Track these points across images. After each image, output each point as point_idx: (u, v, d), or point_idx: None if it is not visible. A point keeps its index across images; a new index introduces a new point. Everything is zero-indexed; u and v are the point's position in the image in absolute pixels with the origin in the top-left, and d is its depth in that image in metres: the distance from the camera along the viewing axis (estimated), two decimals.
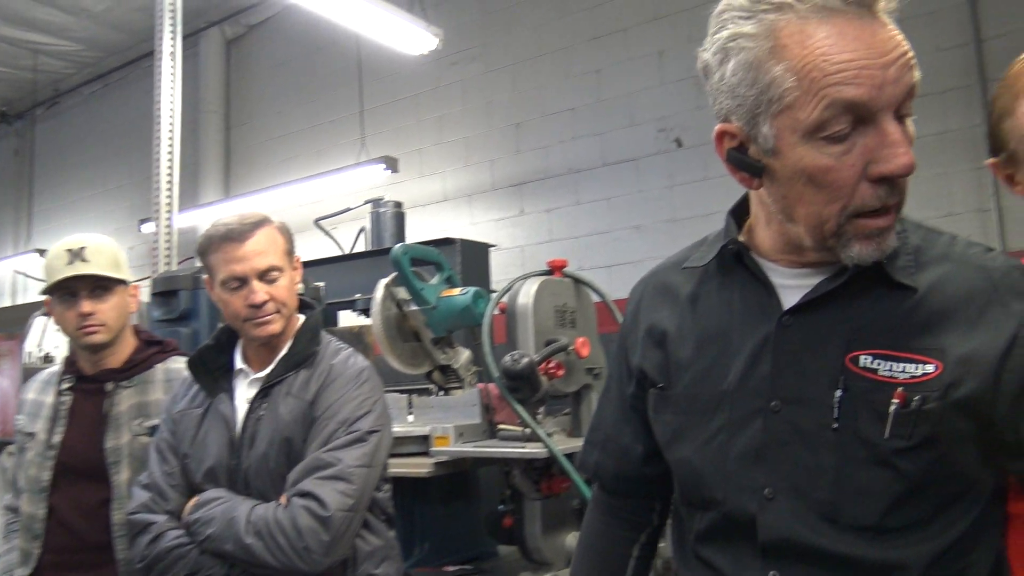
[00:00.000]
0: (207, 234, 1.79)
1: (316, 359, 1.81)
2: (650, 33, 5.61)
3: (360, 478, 1.66)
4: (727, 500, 1.00)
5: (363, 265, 4.29)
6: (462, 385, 2.79)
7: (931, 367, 0.91)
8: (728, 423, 1.01)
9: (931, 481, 0.92)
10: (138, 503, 1.77)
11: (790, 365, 0.97)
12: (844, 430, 0.93)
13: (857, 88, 0.85)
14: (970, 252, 0.99)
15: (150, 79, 3.69)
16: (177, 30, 3.67)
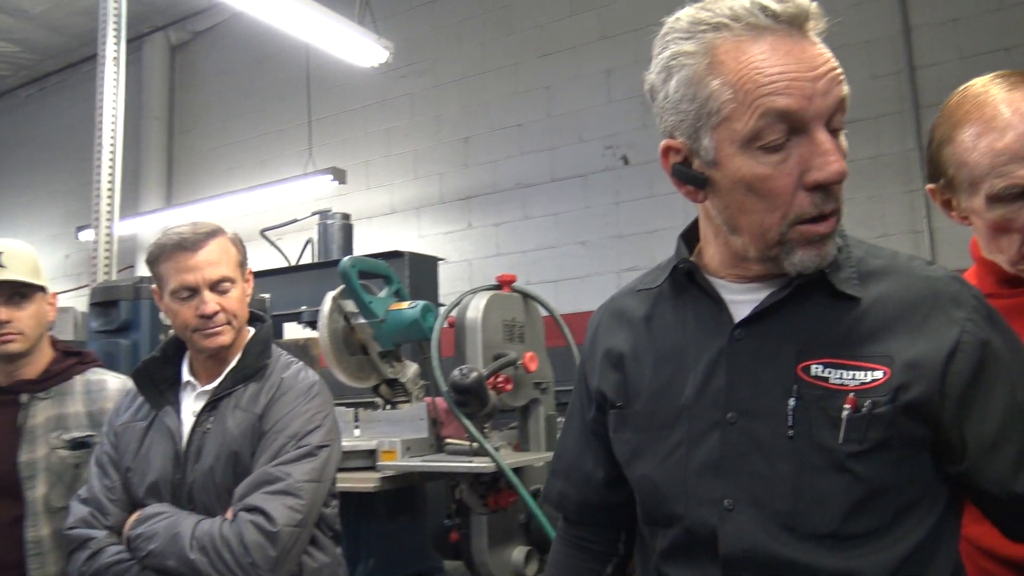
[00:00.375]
0: (158, 242, 1.76)
1: (266, 372, 1.78)
2: (598, 52, 5.69)
3: (309, 493, 1.64)
4: (688, 514, 1.01)
5: (309, 277, 4.26)
6: (409, 399, 2.79)
7: (880, 373, 0.93)
8: (687, 437, 1.02)
9: (887, 487, 0.93)
10: (76, 518, 1.71)
11: (744, 377, 0.99)
12: (799, 438, 0.95)
13: (788, 98, 0.90)
14: (913, 264, 1.03)
15: (90, 84, 3.61)
16: (121, 35, 3.59)
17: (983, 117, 1.15)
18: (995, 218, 1.16)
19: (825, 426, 0.94)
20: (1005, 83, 1.16)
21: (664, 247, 5.31)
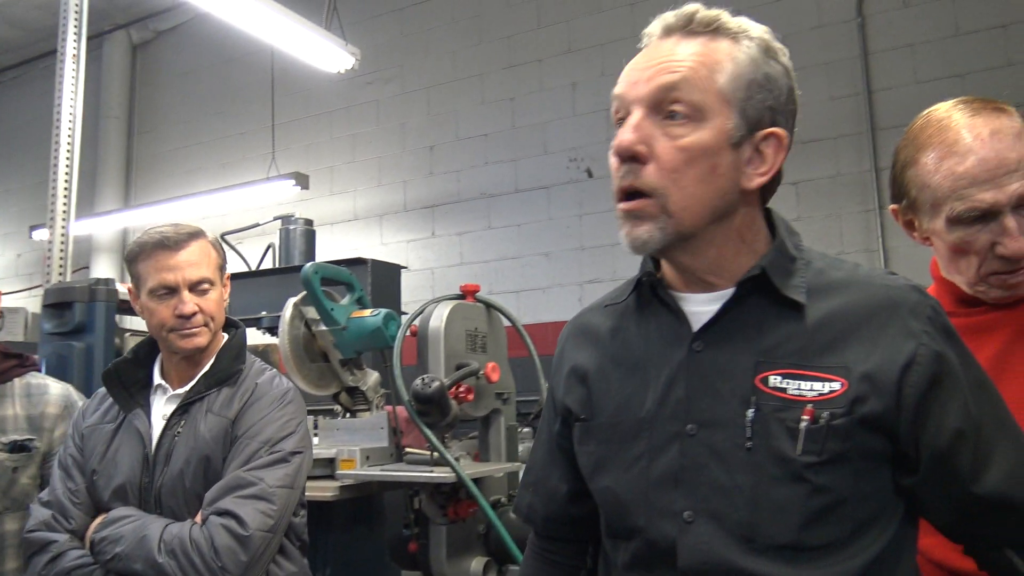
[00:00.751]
0: (139, 240, 1.75)
1: (239, 378, 1.78)
2: (564, 65, 5.74)
3: (281, 499, 1.63)
4: (648, 526, 1.01)
5: (270, 282, 4.21)
6: (370, 407, 2.77)
7: (837, 384, 0.95)
8: (648, 449, 1.03)
9: (845, 498, 0.94)
10: (37, 521, 1.68)
11: (703, 389, 1.00)
12: (757, 449, 0.95)
13: (618, 87, 1.05)
14: (873, 275, 1.04)
15: (47, 80, 3.54)
16: (82, 31, 3.53)
17: (946, 141, 1.18)
18: (955, 240, 1.19)
19: (783, 437, 0.94)
20: (968, 109, 1.19)
21: (627, 260, 5.36)
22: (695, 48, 1.01)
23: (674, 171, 0.97)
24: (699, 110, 0.98)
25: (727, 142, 0.99)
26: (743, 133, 1.00)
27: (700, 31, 1.02)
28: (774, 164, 1.04)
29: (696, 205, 0.99)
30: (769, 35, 1.06)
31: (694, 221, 0.99)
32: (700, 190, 0.98)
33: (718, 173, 0.99)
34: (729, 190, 1.01)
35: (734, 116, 0.99)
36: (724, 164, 0.99)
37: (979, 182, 1.14)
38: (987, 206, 1.14)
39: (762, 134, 1.02)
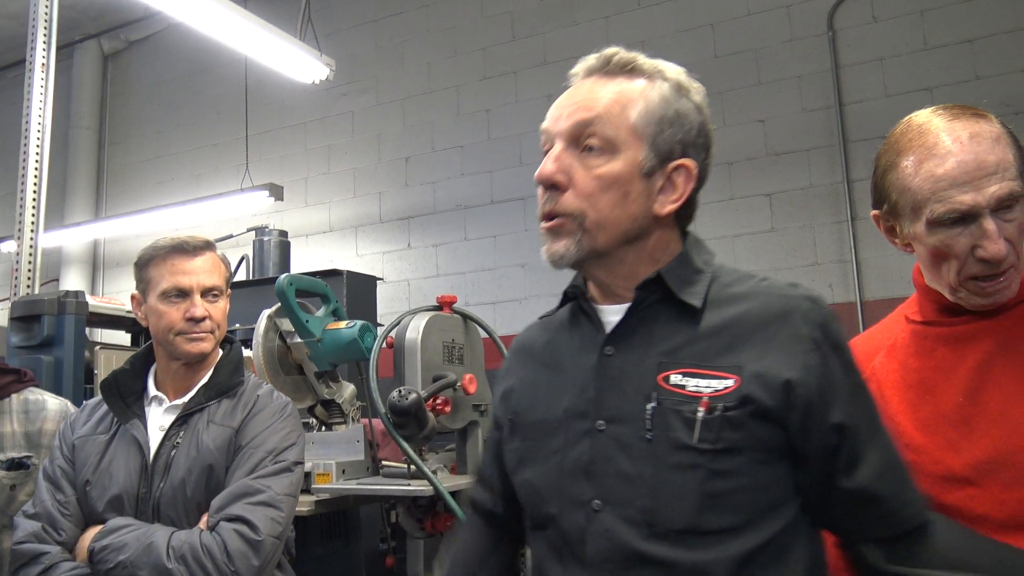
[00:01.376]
0: (152, 246, 1.80)
1: (239, 390, 1.81)
2: (539, 77, 5.76)
3: (288, 507, 1.67)
4: (562, 515, 1.11)
5: (244, 294, 4.17)
6: (345, 420, 2.74)
7: (730, 381, 1.04)
8: (563, 444, 1.13)
9: (740, 487, 1.03)
10: (26, 532, 1.65)
11: (611, 388, 1.11)
12: (657, 440, 1.05)
13: (544, 122, 1.18)
14: (775, 286, 1.14)
15: (16, 90, 3.49)
16: (51, 41, 3.49)
17: (925, 144, 1.18)
18: (935, 243, 1.19)
19: (681, 427, 1.04)
20: (947, 114, 1.20)
21: None
22: (611, 88, 1.13)
23: (589, 196, 1.10)
24: (612, 143, 1.10)
25: (638, 172, 1.10)
26: (654, 164, 1.11)
27: (617, 72, 1.14)
28: (684, 192, 1.14)
29: (610, 227, 1.10)
30: (683, 75, 1.17)
31: (607, 241, 1.11)
32: (614, 214, 1.10)
33: (630, 199, 1.10)
34: (641, 215, 1.12)
35: (645, 149, 1.10)
36: (636, 191, 1.11)
37: (958, 184, 1.14)
38: (966, 208, 1.14)
39: (673, 165, 1.13)
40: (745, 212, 5.04)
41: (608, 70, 1.15)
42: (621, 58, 1.15)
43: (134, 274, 1.84)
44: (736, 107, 5.10)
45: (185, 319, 1.74)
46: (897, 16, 4.79)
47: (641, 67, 1.15)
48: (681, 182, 1.13)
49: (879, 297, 4.57)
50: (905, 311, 1.34)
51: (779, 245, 4.94)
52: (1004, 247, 1.14)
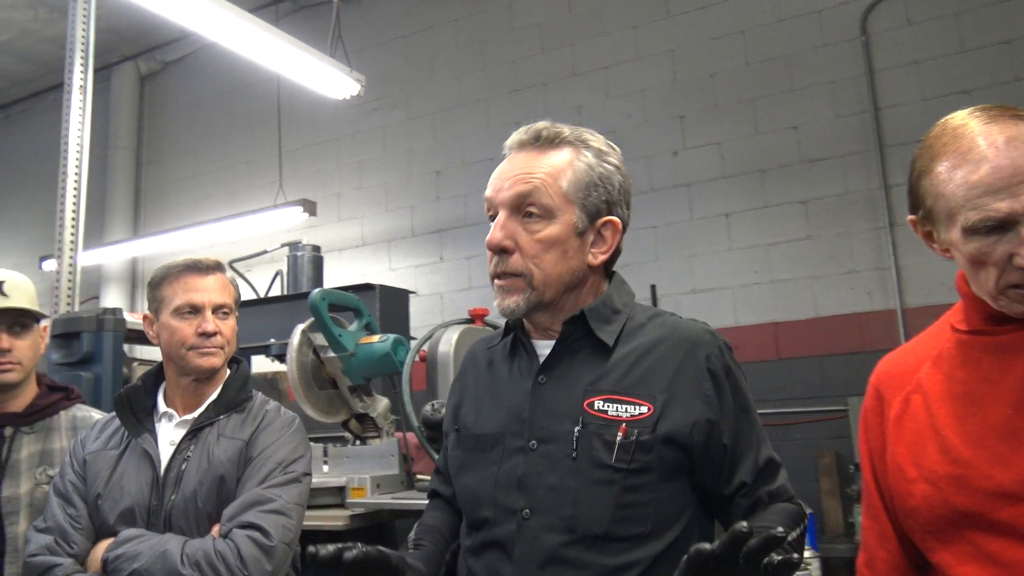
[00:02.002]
0: (167, 265, 1.87)
1: (247, 405, 1.87)
2: (569, 88, 5.75)
3: (297, 515, 1.73)
4: (495, 520, 1.26)
5: (278, 309, 4.20)
6: (380, 434, 2.74)
7: (645, 408, 1.23)
8: (500, 458, 1.29)
9: (648, 500, 1.21)
10: (38, 546, 1.69)
11: (543, 412, 1.27)
12: (581, 458, 1.22)
13: (487, 191, 1.33)
14: (680, 322, 1.34)
15: (56, 112, 3.56)
16: (88, 63, 3.56)
17: (960, 149, 1.14)
18: (971, 251, 1.15)
19: (602, 448, 1.21)
20: (984, 116, 1.15)
21: (634, 282, 5.29)
22: (544, 161, 1.30)
23: (534, 257, 1.27)
24: (549, 210, 1.27)
25: (573, 232, 1.29)
26: (585, 224, 1.30)
27: (546, 145, 1.31)
28: (612, 244, 1.34)
29: (554, 281, 1.29)
30: (602, 140, 1.34)
31: (552, 293, 1.29)
32: (556, 270, 1.28)
33: (568, 256, 1.29)
34: (578, 268, 1.30)
35: (577, 212, 1.28)
36: (572, 248, 1.29)
37: (993, 191, 1.09)
38: (1002, 216, 1.09)
39: (601, 221, 1.32)
40: (779, 220, 4.98)
41: (539, 144, 1.31)
42: (549, 132, 1.31)
43: (146, 294, 1.92)
44: (768, 114, 5.05)
45: (197, 334, 1.80)
46: (932, 18, 4.71)
47: (567, 139, 1.32)
48: (609, 235, 1.33)
49: (920, 304, 4.48)
50: (951, 320, 1.30)
51: (815, 253, 4.86)
52: None
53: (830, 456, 4.60)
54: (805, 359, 4.81)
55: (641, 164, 5.39)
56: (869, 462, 1.32)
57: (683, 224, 5.26)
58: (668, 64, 5.41)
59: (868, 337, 4.66)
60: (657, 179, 5.35)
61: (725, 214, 5.14)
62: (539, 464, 1.24)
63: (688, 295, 5.20)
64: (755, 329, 4.97)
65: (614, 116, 5.52)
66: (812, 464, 4.66)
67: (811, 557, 2.21)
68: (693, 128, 5.30)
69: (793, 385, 4.81)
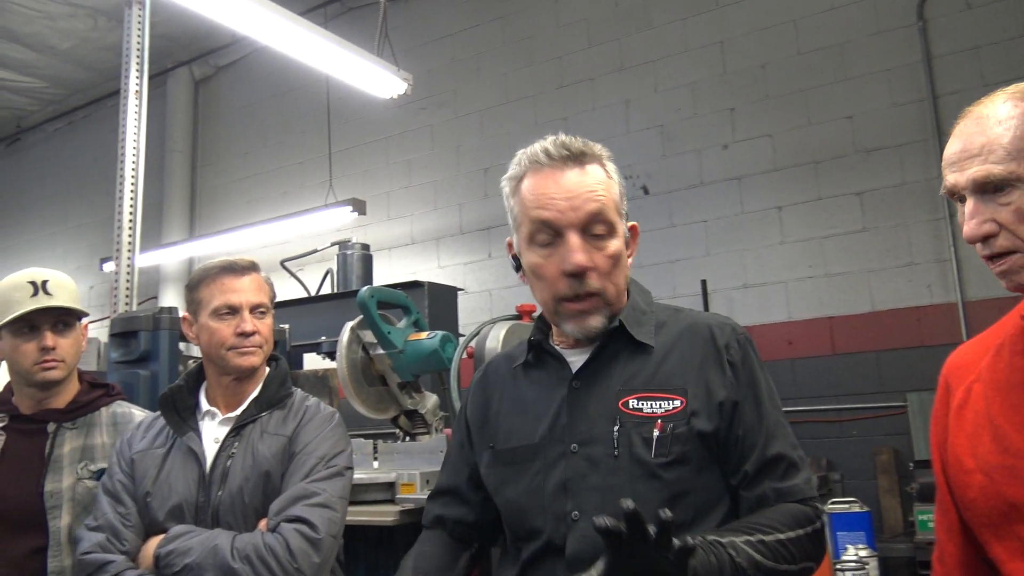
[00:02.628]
0: (203, 267, 1.91)
1: (288, 402, 1.91)
2: (616, 83, 5.71)
3: (341, 508, 1.76)
4: (546, 528, 1.30)
5: (329, 307, 4.25)
6: (429, 431, 2.75)
7: (678, 402, 1.28)
8: (542, 467, 1.33)
9: (688, 490, 1.26)
10: (91, 543, 1.74)
11: (580, 415, 1.31)
12: (622, 456, 1.26)
13: (546, 212, 1.31)
14: (700, 315, 1.41)
15: (115, 118, 3.65)
16: (144, 69, 3.64)
17: (956, 126, 1.20)
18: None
19: (641, 445, 1.26)
20: (1002, 95, 1.17)
21: (685, 277, 5.29)
22: (591, 178, 1.32)
23: (608, 274, 1.32)
24: (612, 226, 1.33)
25: (624, 243, 1.36)
26: (627, 234, 1.38)
27: (584, 160, 1.33)
28: (635, 247, 1.42)
29: (621, 294, 1.36)
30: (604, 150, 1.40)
31: (619, 303, 1.36)
32: (620, 281, 1.35)
33: (624, 267, 1.36)
34: (627, 275, 1.38)
35: (623, 223, 1.36)
36: (624, 259, 1.36)
37: (949, 163, 1.17)
38: (948, 186, 1.17)
39: (630, 227, 1.40)
40: (834, 212, 4.87)
41: (577, 160, 1.33)
42: (577, 147, 1.34)
43: (185, 296, 1.95)
44: (821, 104, 4.94)
45: (236, 334, 1.83)
46: (992, 1, 4.56)
47: (594, 153, 1.36)
48: (633, 239, 1.40)
49: (982, 297, 4.34)
50: (1022, 309, 1.26)
51: (871, 245, 4.75)
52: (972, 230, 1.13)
53: (888, 453, 4.49)
54: (861, 354, 4.70)
55: (691, 158, 5.32)
56: (938, 455, 1.29)
57: (734, 218, 5.18)
58: (717, 56, 5.33)
59: (928, 331, 4.54)
60: (707, 173, 5.28)
61: (777, 207, 5.05)
62: (582, 466, 1.28)
63: (739, 290, 5.12)
64: (809, 324, 4.87)
65: (662, 110, 5.46)
66: (869, 462, 4.56)
67: (868, 556, 2.16)
68: (744, 120, 5.21)
69: (849, 381, 4.71)
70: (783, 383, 4.88)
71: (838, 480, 4.55)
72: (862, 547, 2.21)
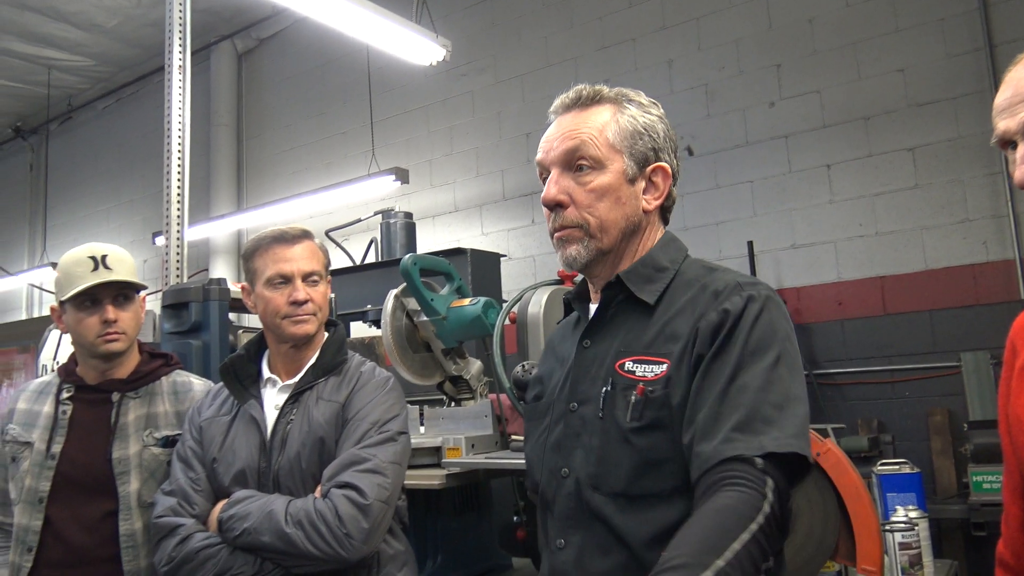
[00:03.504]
0: (256, 238, 1.94)
1: (344, 367, 1.93)
2: (659, 42, 5.61)
3: (393, 474, 1.77)
4: (543, 483, 1.34)
5: (374, 276, 4.29)
6: (473, 396, 2.78)
7: (664, 366, 1.22)
8: (549, 423, 1.36)
9: (665, 458, 1.19)
10: (164, 507, 1.81)
11: (583, 375, 1.32)
12: (606, 418, 1.25)
13: (539, 154, 1.38)
14: (722, 274, 1.29)
15: (163, 93, 3.70)
16: (187, 44, 3.68)
17: (1007, 74, 1.18)
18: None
19: (622, 408, 1.23)
20: None
21: (731, 239, 5.22)
22: (587, 117, 1.35)
23: (588, 207, 1.31)
24: (598, 161, 1.32)
25: (624, 179, 1.32)
26: (635, 171, 1.33)
27: (588, 103, 1.36)
28: (664, 189, 1.37)
29: (610, 227, 1.32)
30: (643, 96, 1.40)
31: (609, 240, 1.32)
32: (610, 216, 1.31)
33: (622, 202, 1.32)
34: (633, 213, 1.33)
35: (626, 159, 1.32)
36: (625, 195, 1.32)
37: (1000, 111, 1.16)
38: (999, 134, 1.15)
39: (651, 168, 1.35)
40: (885, 169, 4.74)
41: (581, 104, 1.36)
42: (589, 92, 1.37)
43: (242, 267, 1.99)
44: (871, 57, 4.79)
45: (289, 303, 1.87)
46: None
47: (608, 96, 1.37)
48: (660, 181, 1.36)
49: None
50: None
51: (924, 202, 4.62)
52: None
53: (942, 414, 4.41)
54: (914, 314, 4.60)
55: (736, 117, 5.22)
56: (1004, 416, 1.28)
57: (781, 177, 5.08)
58: (762, 11, 5.19)
59: (983, 290, 4.42)
60: (753, 132, 5.17)
61: (826, 165, 4.94)
62: (576, 425, 1.30)
63: (787, 251, 5.03)
64: (859, 284, 4.78)
65: (706, 68, 5.35)
66: (922, 423, 4.48)
67: (918, 518, 2.13)
68: (790, 77, 5.08)
69: (901, 341, 4.62)
70: (832, 345, 4.81)
71: (889, 442, 4.49)
72: (912, 508, 2.18)
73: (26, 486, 1.98)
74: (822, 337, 4.87)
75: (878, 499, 2.33)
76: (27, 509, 1.97)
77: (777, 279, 5.01)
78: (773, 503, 1.05)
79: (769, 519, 1.04)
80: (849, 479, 1.88)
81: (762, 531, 1.02)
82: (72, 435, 2.01)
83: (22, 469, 2.01)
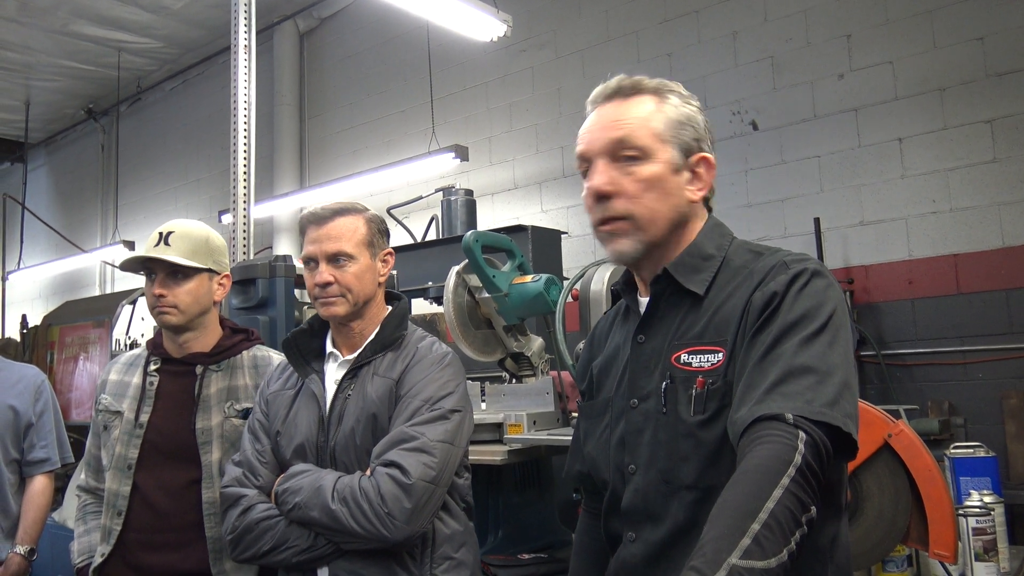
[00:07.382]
0: (301, 216, 1.93)
1: (401, 343, 1.90)
2: (722, 14, 5.47)
3: (442, 453, 1.72)
4: (611, 480, 1.34)
5: (435, 253, 4.32)
6: (534, 373, 2.78)
7: (720, 355, 1.22)
8: (610, 421, 1.36)
9: (729, 448, 1.15)
10: (230, 478, 1.86)
11: (641, 371, 1.32)
12: (669, 412, 1.25)
13: (580, 146, 1.36)
14: (773, 256, 1.27)
15: (226, 74, 3.76)
16: (251, 24, 3.73)
17: None
18: None
19: (684, 401, 1.23)
20: None
21: (796, 216, 5.10)
22: (631, 106, 1.32)
23: (637, 197, 1.28)
24: (645, 151, 1.29)
25: (671, 170, 1.30)
26: (681, 161, 1.31)
27: (629, 94, 1.34)
28: (708, 180, 1.35)
29: (659, 219, 1.29)
30: (680, 86, 1.37)
31: (658, 231, 1.30)
32: (658, 206, 1.29)
33: (669, 194, 1.29)
34: (680, 204, 1.31)
35: (672, 150, 1.30)
36: (672, 186, 1.30)
37: None
38: None
39: (695, 159, 1.32)
40: (961, 142, 4.56)
41: (621, 95, 1.34)
42: (629, 83, 1.34)
43: None
44: (948, 26, 4.60)
45: (316, 285, 1.85)
46: None
47: (648, 87, 1.34)
48: (703, 172, 1.33)
49: None
50: None
51: (1003, 177, 4.43)
52: None
53: (1017, 397, 4.25)
54: (989, 293, 4.44)
55: (803, 90, 5.07)
56: None
57: (850, 152, 4.93)
58: None
59: None
60: (820, 105, 5.03)
61: (898, 139, 4.77)
62: (638, 421, 1.30)
63: (855, 228, 4.89)
64: (931, 262, 4.62)
65: (773, 40, 5.21)
66: (996, 406, 4.33)
67: (993, 503, 2.06)
68: (861, 47, 4.91)
69: (975, 321, 4.46)
70: (902, 324, 4.68)
71: (961, 424, 4.35)
72: (987, 493, 2.11)
73: (116, 453, 2.08)
74: (891, 317, 4.73)
75: (950, 483, 2.27)
76: (117, 475, 2.06)
77: (844, 257, 4.88)
78: (804, 454, 1.02)
79: (802, 469, 1.01)
80: (923, 462, 1.83)
81: (795, 483, 1.00)
82: (159, 405, 2.09)
83: (113, 437, 2.10)
